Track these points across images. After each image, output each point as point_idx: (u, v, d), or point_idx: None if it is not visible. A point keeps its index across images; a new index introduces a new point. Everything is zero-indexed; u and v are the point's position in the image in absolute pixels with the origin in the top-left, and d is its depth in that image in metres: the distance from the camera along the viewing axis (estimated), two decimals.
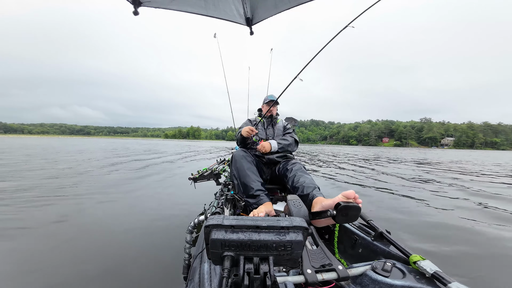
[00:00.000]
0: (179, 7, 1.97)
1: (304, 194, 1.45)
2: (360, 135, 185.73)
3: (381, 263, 0.83)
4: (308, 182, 1.54)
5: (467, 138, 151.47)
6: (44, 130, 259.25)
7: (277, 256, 0.62)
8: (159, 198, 3.46)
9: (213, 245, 0.60)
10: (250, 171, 1.70)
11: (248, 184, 1.60)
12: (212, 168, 2.82)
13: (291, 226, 0.62)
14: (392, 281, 0.74)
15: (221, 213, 1.33)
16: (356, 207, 0.97)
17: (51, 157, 9.56)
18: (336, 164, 10.46)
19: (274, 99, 2.38)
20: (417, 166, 10.17)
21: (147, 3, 1.79)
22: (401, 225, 2.60)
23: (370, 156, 18.31)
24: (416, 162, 13.18)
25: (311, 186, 1.49)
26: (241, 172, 1.70)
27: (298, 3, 1.94)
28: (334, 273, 0.78)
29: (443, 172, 8.27)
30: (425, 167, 9.78)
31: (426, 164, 11.55)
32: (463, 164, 12.36)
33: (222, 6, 2.03)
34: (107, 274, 1.53)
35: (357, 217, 0.99)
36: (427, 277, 0.78)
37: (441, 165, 11.51)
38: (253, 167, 1.76)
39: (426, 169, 9.17)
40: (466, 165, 11.67)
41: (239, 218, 0.63)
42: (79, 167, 6.80)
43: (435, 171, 8.36)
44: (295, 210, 0.98)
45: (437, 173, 7.88)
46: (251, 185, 1.59)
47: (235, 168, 1.77)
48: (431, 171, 8.49)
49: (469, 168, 9.97)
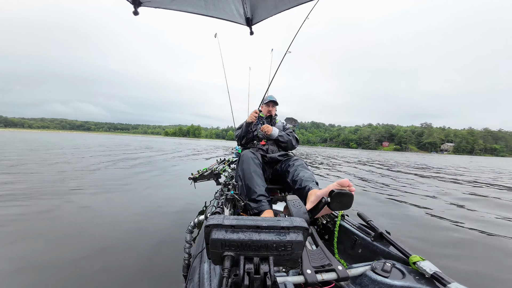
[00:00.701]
0: (179, 7, 1.98)
1: (301, 187, 1.49)
2: (360, 138, 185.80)
3: (381, 263, 0.83)
4: (307, 176, 1.57)
5: (467, 144, 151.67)
6: (45, 124, 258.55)
7: (277, 256, 0.62)
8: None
9: (213, 245, 0.60)
10: (256, 174, 1.69)
11: (252, 188, 1.60)
12: (212, 168, 2.82)
13: (291, 226, 0.62)
14: (392, 282, 0.74)
15: (221, 213, 1.32)
16: (349, 194, 1.01)
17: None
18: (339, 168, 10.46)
19: (274, 100, 2.47)
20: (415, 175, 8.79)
21: (147, 3, 1.79)
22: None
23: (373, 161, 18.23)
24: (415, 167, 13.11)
25: (309, 180, 1.51)
26: (247, 174, 1.69)
27: (298, 3, 1.95)
28: (334, 274, 0.78)
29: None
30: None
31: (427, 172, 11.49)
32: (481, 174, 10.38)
33: (222, 6, 2.04)
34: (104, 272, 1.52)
35: (350, 204, 1.02)
36: (427, 277, 0.78)
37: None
38: (259, 170, 1.75)
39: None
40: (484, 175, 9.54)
41: (240, 218, 0.63)
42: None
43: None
44: (295, 210, 0.98)
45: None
46: (254, 189, 1.58)
47: (241, 169, 1.76)
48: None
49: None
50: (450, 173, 10.06)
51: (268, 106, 2.49)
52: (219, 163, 3.34)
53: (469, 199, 4.41)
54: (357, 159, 17.66)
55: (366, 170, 9.49)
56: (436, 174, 9.03)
